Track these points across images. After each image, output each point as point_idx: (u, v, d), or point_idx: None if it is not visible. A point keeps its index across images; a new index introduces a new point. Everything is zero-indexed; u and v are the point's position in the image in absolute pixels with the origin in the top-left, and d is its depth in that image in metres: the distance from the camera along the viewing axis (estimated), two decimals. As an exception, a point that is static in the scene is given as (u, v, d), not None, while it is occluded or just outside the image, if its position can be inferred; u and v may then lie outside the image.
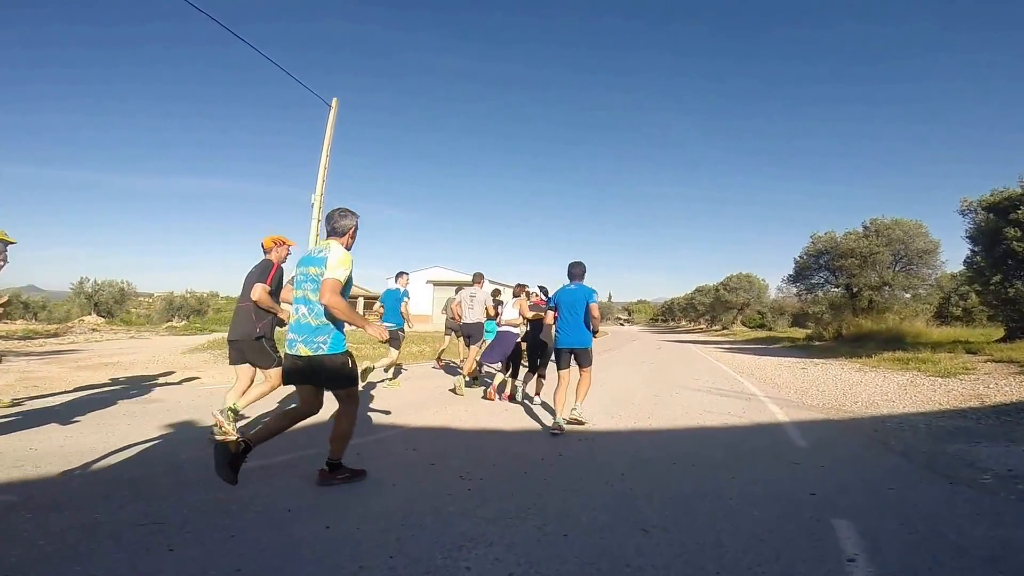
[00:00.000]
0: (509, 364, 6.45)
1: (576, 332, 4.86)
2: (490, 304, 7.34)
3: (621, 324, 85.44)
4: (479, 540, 2.44)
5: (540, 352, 6.08)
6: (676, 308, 72.63)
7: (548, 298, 6.11)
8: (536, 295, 6.65)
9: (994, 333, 16.26)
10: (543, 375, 6.11)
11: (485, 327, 7.46)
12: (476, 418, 5.32)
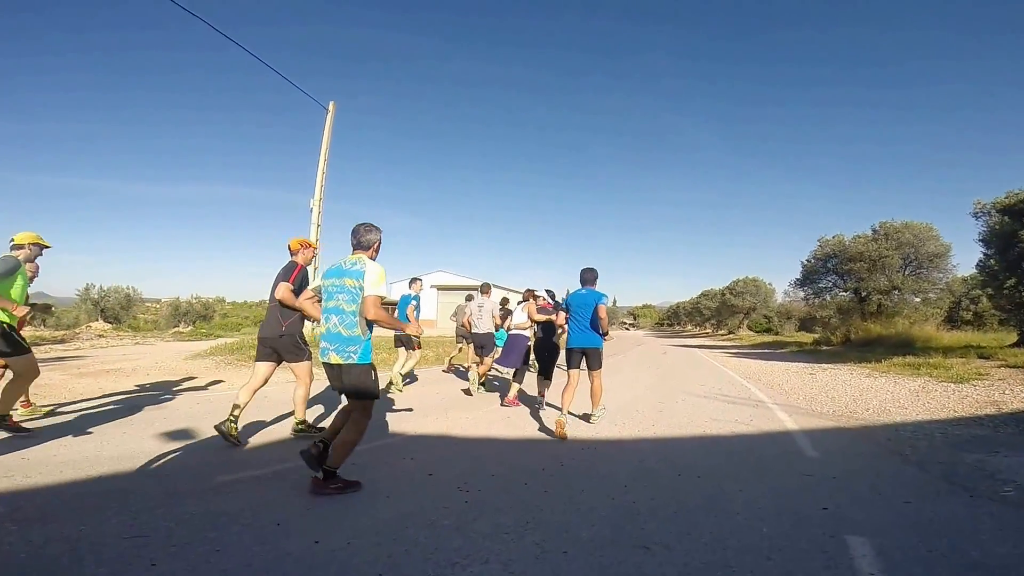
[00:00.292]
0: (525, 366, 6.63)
1: (586, 333, 5.12)
2: (497, 314, 7.55)
3: (626, 329, 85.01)
4: (474, 557, 2.34)
5: (549, 355, 6.30)
6: (681, 312, 72.25)
7: (555, 302, 6.51)
8: (543, 299, 6.81)
9: (1006, 338, 15.97)
10: (549, 377, 6.26)
11: (496, 336, 7.71)
12: (477, 425, 5.22)
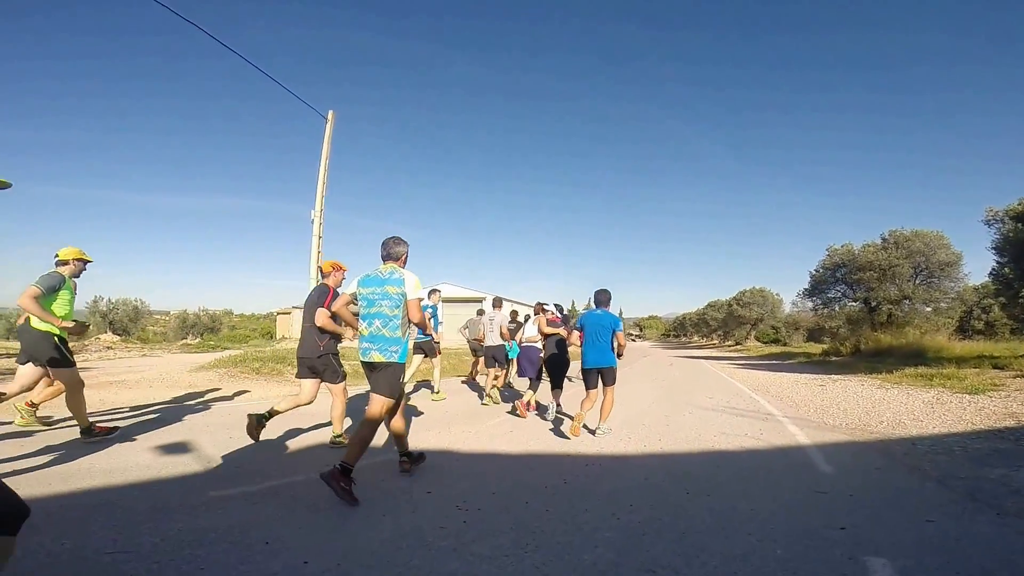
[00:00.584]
0: (539, 377, 6.91)
1: (602, 354, 5.34)
2: (505, 326, 7.76)
3: (632, 340, 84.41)
4: (469, 583, 2.20)
5: (559, 366, 6.55)
6: (688, 323, 71.72)
7: (562, 315, 6.97)
8: (552, 313, 7.01)
9: (1020, 347, 15.66)
10: (561, 386, 6.50)
11: (507, 348, 8.00)
12: (479, 440, 5.08)
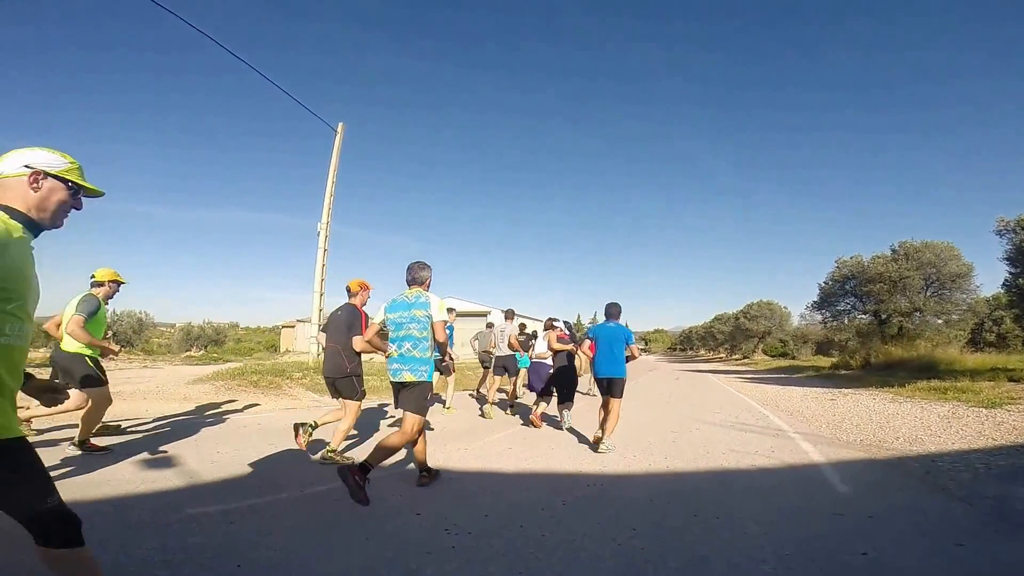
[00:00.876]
0: (548, 392, 6.94)
1: (613, 364, 5.45)
2: (514, 337, 7.81)
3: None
4: (452, 620, 1.98)
5: (568, 381, 6.75)
6: (694, 337, 71.07)
7: (570, 332, 7.16)
8: (561, 329, 7.08)
9: (1035, 360, 15.27)
10: (571, 399, 6.70)
11: (517, 359, 8.14)
12: (476, 458, 4.84)
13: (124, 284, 4.80)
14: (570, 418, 6.47)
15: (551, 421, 6.87)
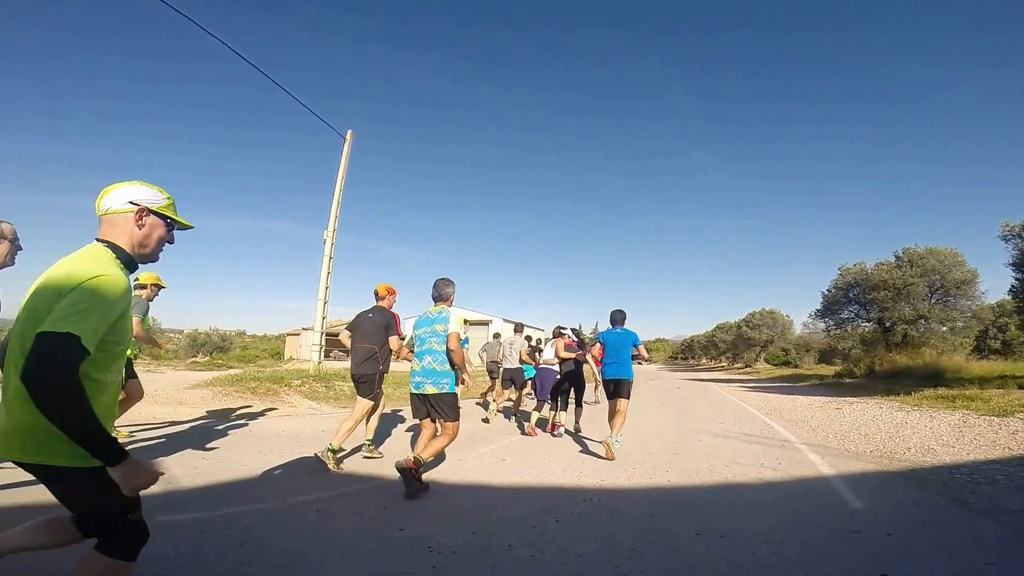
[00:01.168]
0: (555, 399, 7.05)
1: (621, 367, 5.65)
2: (524, 350, 8.03)
3: (639, 363, 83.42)
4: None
5: (577, 388, 6.96)
6: (696, 346, 70.67)
7: (578, 340, 7.34)
8: (569, 337, 7.19)
9: (1043, 367, 14.99)
10: (580, 405, 7.12)
11: (524, 370, 8.36)
12: (467, 470, 4.60)
13: (164, 288, 5.06)
14: (578, 422, 6.91)
15: (544, 427, 6.87)
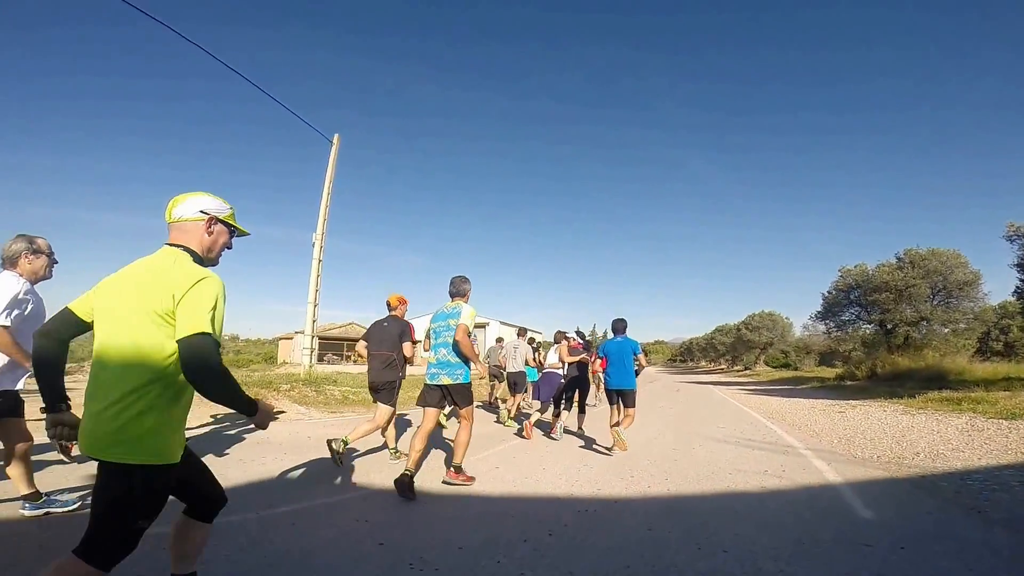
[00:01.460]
0: (558, 403, 7.07)
1: (623, 376, 5.81)
2: (530, 356, 8.19)
3: (637, 368, 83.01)
4: None
5: (582, 391, 6.95)
6: (695, 348, 70.48)
7: (584, 342, 7.36)
8: (574, 339, 7.17)
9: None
10: (583, 409, 7.02)
11: (527, 373, 8.54)
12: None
13: None
14: (581, 426, 6.98)
15: (544, 429, 6.87)
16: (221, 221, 1.73)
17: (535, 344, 9.20)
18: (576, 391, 6.94)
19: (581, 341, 7.32)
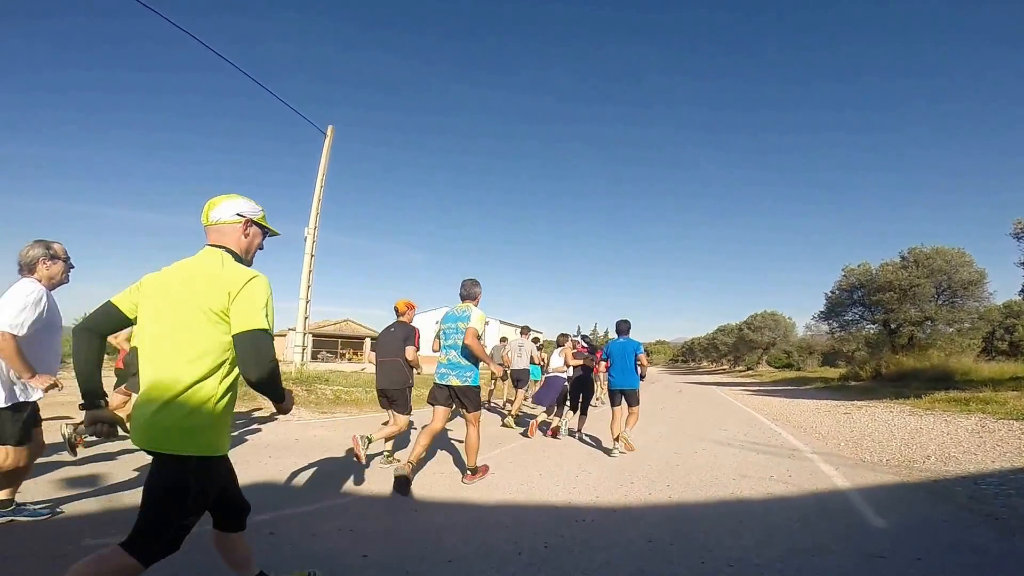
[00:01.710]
0: (562, 405, 7.05)
1: (626, 377, 5.88)
2: (536, 355, 8.40)
3: (639, 368, 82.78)
4: None
5: (585, 394, 6.92)
6: (697, 348, 70.30)
7: (588, 345, 7.37)
8: (578, 342, 7.25)
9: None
10: (585, 412, 6.92)
11: (531, 371, 8.64)
12: (451, 485, 4.20)
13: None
14: (580, 429, 6.90)
15: (546, 430, 6.87)
16: (255, 223, 1.79)
17: (539, 343, 9.33)
18: (580, 394, 6.96)
19: (585, 344, 7.38)
